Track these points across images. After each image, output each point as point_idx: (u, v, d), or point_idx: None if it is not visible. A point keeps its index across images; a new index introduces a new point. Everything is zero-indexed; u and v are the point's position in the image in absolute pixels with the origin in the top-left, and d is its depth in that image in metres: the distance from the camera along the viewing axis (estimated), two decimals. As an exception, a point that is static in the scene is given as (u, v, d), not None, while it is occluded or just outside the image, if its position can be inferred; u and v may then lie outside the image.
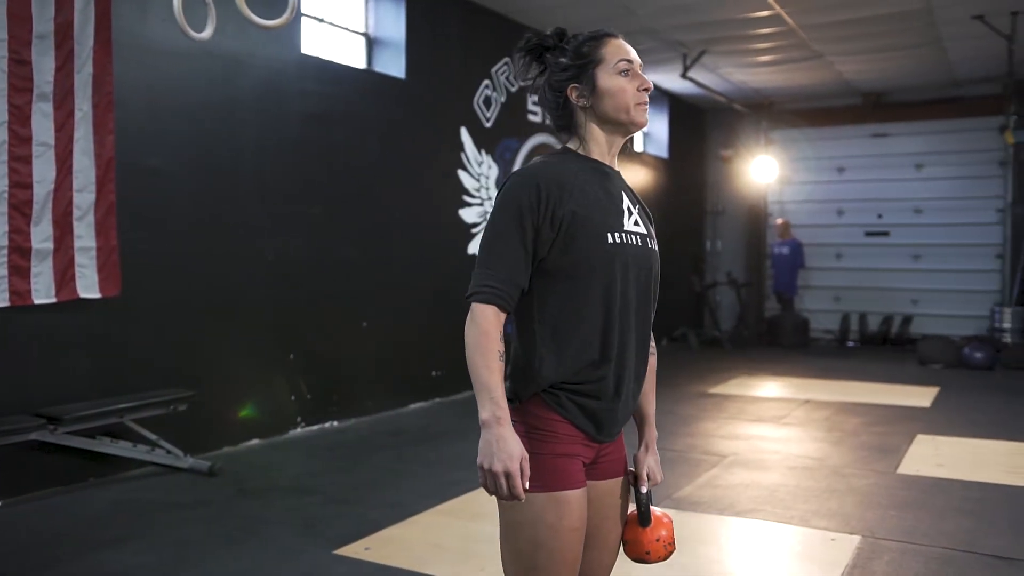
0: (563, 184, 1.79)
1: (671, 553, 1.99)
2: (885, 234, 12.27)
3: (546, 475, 1.73)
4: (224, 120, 5.66)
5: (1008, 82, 9.83)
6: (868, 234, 12.37)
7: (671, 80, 11.03)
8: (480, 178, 8.22)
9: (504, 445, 1.65)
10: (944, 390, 8.24)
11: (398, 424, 6.64)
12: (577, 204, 1.78)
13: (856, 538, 3.95)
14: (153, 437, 4.91)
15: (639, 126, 1.90)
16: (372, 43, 7.35)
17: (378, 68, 7.26)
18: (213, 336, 5.59)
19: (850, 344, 12.23)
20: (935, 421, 6.74)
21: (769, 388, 8.57)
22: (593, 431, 1.82)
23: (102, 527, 4.09)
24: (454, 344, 8.56)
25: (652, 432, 2.06)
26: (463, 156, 7.97)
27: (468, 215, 8.06)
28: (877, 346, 11.95)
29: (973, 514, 4.34)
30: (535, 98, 9.40)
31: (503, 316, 1.76)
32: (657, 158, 12.30)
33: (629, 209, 1.88)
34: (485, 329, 1.72)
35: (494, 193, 8.42)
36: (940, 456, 5.58)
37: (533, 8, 8.22)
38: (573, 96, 1.89)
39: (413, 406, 7.35)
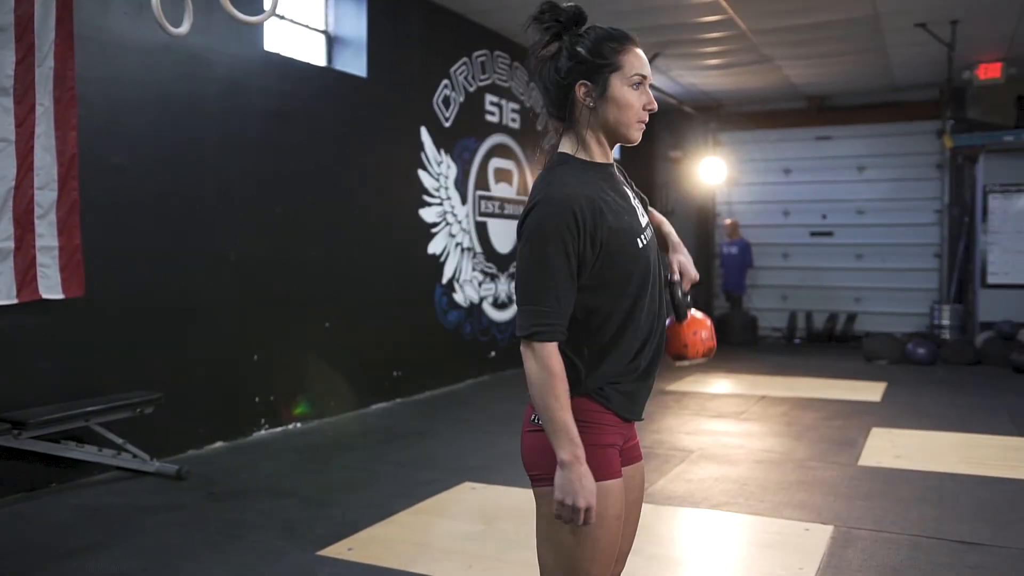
0: (594, 202, 1.78)
1: (710, 352, 1.97)
2: (829, 234, 12.61)
3: (591, 465, 1.75)
4: (187, 117, 5.54)
5: (946, 87, 10.23)
6: (813, 234, 12.70)
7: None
8: (440, 178, 8.20)
9: (586, 483, 1.72)
10: (892, 385, 8.51)
11: (362, 425, 6.60)
12: (611, 221, 1.80)
13: (829, 528, 4.07)
14: (119, 441, 4.78)
15: (631, 142, 1.89)
16: (332, 41, 7.29)
17: (339, 66, 7.20)
18: (176, 337, 5.48)
19: (796, 342, 12.53)
20: (887, 414, 6.97)
21: (724, 385, 8.73)
22: (629, 411, 1.87)
23: (75, 534, 3.98)
24: (414, 344, 8.43)
25: (674, 236, 2.11)
26: (423, 155, 7.95)
27: (428, 215, 8.04)
28: (823, 343, 12.27)
29: (935, 502, 4.51)
30: (493, 98, 9.32)
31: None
32: (609, 159, 12.41)
33: (636, 206, 1.92)
34: (553, 371, 1.74)
35: (453, 193, 8.42)
36: (897, 448, 5.77)
37: (493, 9, 8.25)
38: (580, 92, 1.83)
39: (375, 407, 7.30)
